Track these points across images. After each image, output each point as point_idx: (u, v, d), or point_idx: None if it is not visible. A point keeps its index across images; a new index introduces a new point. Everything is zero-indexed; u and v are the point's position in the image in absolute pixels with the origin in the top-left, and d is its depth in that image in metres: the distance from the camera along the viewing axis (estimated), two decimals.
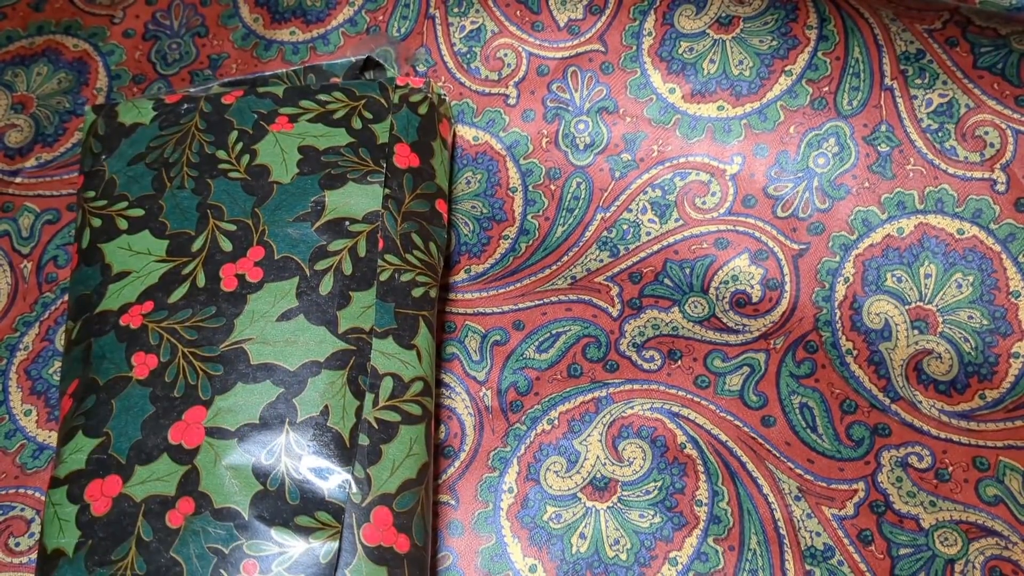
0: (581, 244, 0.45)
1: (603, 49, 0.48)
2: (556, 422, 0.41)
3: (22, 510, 0.41)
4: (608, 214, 0.46)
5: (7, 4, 0.53)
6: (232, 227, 0.38)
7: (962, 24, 0.44)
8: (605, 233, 0.45)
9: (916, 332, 0.42)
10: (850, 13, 0.45)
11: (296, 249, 0.37)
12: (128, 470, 0.33)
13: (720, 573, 0.38)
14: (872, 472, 0.39)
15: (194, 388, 0.34)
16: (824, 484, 0.39)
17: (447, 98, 0.48)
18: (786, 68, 0.46)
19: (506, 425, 0.42)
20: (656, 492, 0.40)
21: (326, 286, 0.36)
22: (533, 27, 0.49)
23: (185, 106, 0.42)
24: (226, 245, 0.38)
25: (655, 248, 0.45)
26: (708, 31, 0.47)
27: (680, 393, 0.41)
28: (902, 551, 0.38)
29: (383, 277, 0.37)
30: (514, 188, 0.47)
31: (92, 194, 0.40)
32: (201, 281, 0.37)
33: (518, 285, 0.44)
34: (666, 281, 0.44)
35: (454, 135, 0.47)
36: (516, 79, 0.49)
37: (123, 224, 0.39)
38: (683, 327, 0.43)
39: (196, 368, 0.35)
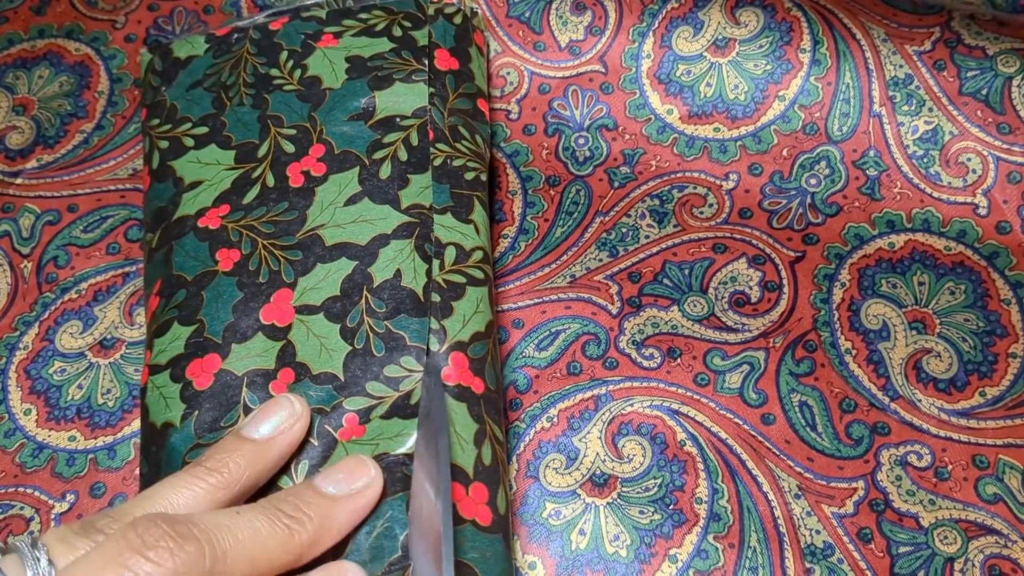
0: (580, 244, 0.46)
1: (603, 70, 0.49)
2: (555, 420, 0.41)
3: (21, 508, 0.40)
4: (607, 218, 0.46)
5: (9, 7, 0.54)
6: (292, 131, 0.41)
7: (952, 43, 0.46)
8: (604, 235, 0.46)
9: (915, 332, 0.43)
10: (843, 34, 0.47)
11: (354, 144, 0.40)
12: (225, 348, 0.36)
13: (720, 571, 0.37)
14: (872, 470, 0.39)
15: (278, 273, 0.37)
16: (824, 482, 0.39)
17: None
18: (779, 93, 0.48)
19: (505, 423, 0.41)
20: (656, 489, 0.39)
21: (385, 171, 0.39)
22: (535, 47, 0.50)
23: (236, 36, 0.45)
24: (289, 148, 0.40)
25: (654, 250, 0.45)
26: (705, 54, 0.48)
27: (680, 391, 0.41)
28: (901, 549, 0.38)
29: (436, 163, 0.40)
30: (514, 191, 0.47)
31: (157, 121, 0.43)
32: (271, 182, 0.40)
33: (517, 284, 0.45)
34: (665, 281, 0.44)
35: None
36: (518, 96, 0.50)
37: (190, 142, 0.42)
38: (682, 325, 0.43)
39: (277, 256, 0.38)
